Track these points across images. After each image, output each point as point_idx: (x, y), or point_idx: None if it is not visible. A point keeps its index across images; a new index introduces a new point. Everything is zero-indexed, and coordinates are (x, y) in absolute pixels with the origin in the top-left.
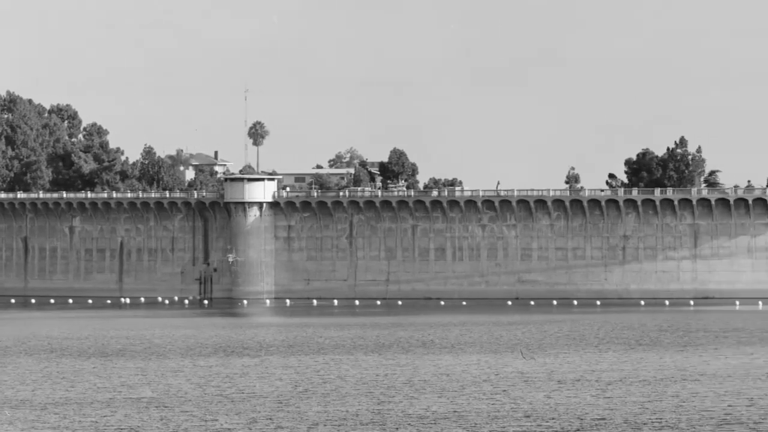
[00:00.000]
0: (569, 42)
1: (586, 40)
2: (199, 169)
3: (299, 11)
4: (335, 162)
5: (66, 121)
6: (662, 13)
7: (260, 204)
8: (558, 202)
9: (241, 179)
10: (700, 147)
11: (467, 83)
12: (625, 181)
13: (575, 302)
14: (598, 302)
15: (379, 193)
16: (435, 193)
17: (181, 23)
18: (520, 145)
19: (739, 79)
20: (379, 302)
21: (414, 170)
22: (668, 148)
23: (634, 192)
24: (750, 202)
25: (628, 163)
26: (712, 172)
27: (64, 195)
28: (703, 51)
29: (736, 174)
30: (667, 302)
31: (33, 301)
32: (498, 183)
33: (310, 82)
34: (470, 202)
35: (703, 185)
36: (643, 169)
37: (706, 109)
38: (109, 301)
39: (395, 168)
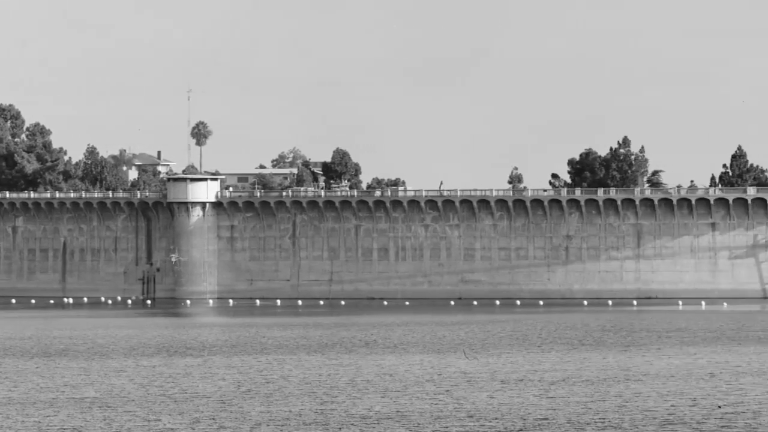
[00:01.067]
0: (514, 41)
1: (529, 40)
2: (142, 169)
3: (241, 11)
4: (278, 162)
5: (9, 121)
6: (603, 12)
7: (203, 204)
8: (501, 202)
9: (184, 179)
10: (643, 147)
11: (410, 83)
12: (568, 181)
13: (518, 302)
14: (541, 302)
15: (322, 193)
16: (378, 193)
17: (124, 23)
18: (464, 145)
19: (683, 79)
20: (322, 302)
21: (357, 170)
22: (611, 148)
23: (577, 192)
24: (693, 202)
25: (571, 163)
26: (655, 172)
27: (7, 195)
28: (647, 50)
29: (679, 174)
30: (610, 302)
31: None
32: (441, 183)
33: (253, 82)
34: (413, 202)
35: (646, 185)
36: (586, 169)
37: (649, 109)
38: (52, 301)
39: (338, 168)
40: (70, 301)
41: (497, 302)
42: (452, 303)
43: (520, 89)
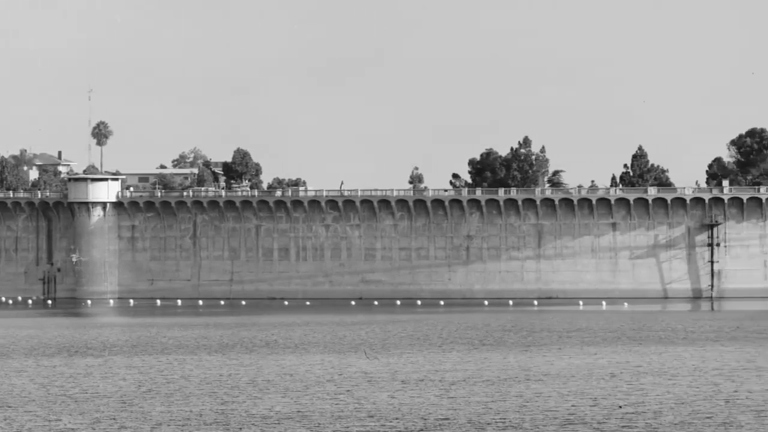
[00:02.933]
0: (414, 41)
1: (430, 40)
2: (42, 169)
3: (143, 11)
4: (179, 162)
5: None
6: (506, 12)
7: (104, 204)
8: (401, 202)
9: (85, 179)
10: (543, 147)
11: (311, 83)
12: (469, 181)
13: (419, 302)
14: (442, 302)
15: (223, 193)
16: (279, 193)
17: (24, 22)
18: (364, 145)
19: (584, 78)
20: (222, 302)
21: (258, 170)
22: (512, 148)
23: (478, 192)
24: (593, 202)
25: (471, 163)
26: (555, 172)
27: None
28: (549, 50)
29: (579, 174)
30: (510, 302)
31: None
32: (342, 183)
33: (153, 82)
34: (314, 202)
35: (547, 185)
36: (487, 169)
37: (550, 109)
38: None
39: (239, 168)
40: None
41: (398, 302)
42: (353, 303)
43: (420, 89)
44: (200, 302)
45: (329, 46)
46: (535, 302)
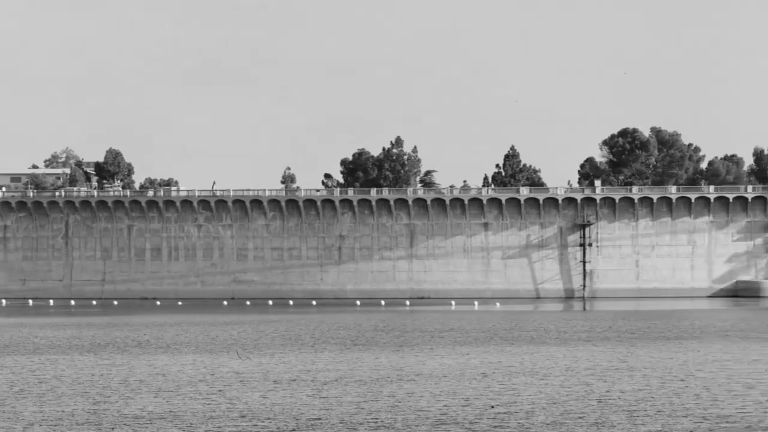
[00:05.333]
0: (288, 42)
1: (301, 40)
2: None
3: (12, 9)
4: (51, 162)
5: None
6: (379, 12)
7: None
8: (274, 202)
9: None
10: (416, 147)
11: (183, 83)
12: (341, 181)
13: (291, 302)
14: (314, 302)
15: (95, 193)
16: (151, 193)
17: None
18: (237, 145)
19: (455, 79)
20: (95, 302)
21: (130, 170)
22: (384, 149)
23: (350, 192)
24: (466, 202)
25: (344, 163)
26: (427, 172)
27: None
28: (419, 50)
29: (452, 174)
30: (383, 302)
31: None
32: (213, 183)
33: (24, 81)
34: (186, 202)
35: (419, 185)
36: (359, 169)
37: (422, 109)
38: None
39: (111, 168)
40: None
41: (270, 302)
42: (225, 303)
43: (293, 89)
44: (72, 302)
45: (202, 46)
46: (407, 302)
